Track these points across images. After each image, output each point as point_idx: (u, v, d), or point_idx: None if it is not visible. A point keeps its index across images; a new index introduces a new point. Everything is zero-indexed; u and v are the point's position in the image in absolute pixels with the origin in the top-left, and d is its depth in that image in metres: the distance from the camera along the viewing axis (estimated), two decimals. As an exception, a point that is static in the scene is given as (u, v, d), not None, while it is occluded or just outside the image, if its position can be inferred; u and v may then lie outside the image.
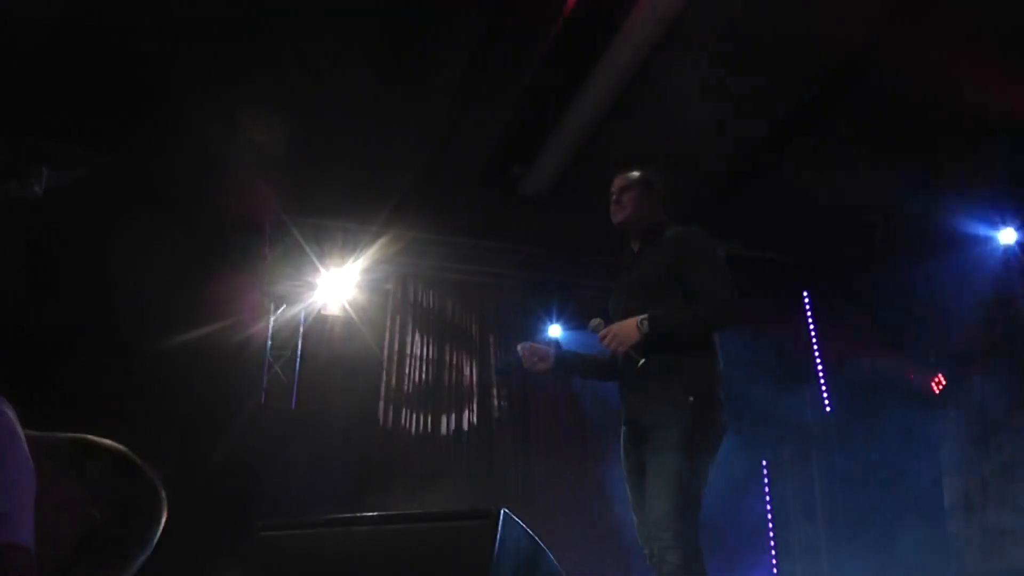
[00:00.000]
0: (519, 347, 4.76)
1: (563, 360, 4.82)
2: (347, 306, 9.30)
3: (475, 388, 9.89)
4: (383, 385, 9.34)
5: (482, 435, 9.79)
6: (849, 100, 7.86)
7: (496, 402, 9.97)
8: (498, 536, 2.19)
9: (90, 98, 7.48)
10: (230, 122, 7.75)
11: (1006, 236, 8.80)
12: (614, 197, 4.76)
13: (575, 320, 10.09)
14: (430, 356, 9.72)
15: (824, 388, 10.67)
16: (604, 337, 4.34)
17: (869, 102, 7.82)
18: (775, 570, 10.40)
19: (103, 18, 6.75)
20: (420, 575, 2.27)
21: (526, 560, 2.28)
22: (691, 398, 4.15)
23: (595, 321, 4.57)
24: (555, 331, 10.21)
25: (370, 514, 2.47)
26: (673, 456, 4.09)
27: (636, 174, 4.75)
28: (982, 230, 8.91)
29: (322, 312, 9.28)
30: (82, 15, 6.67)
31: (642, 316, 4.23)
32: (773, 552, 10.46)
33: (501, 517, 2.23)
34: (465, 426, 9.67)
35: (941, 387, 9.40)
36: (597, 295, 10.06)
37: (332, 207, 9.01)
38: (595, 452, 10.26)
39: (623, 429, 4.55)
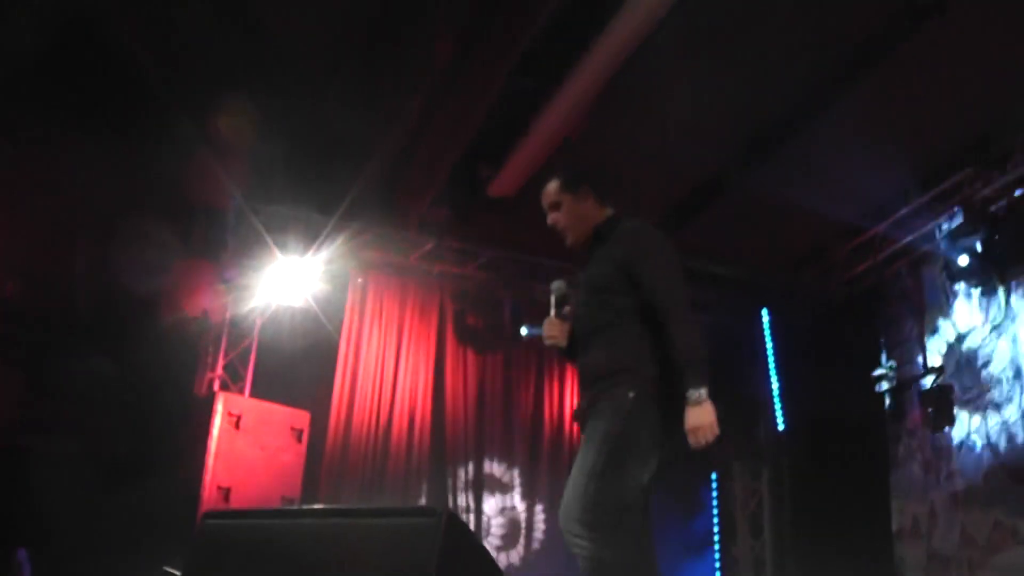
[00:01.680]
0: (546, 322, 4.52)
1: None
2: (307, 297, 9.23)
3: (431, 385, 9.89)
4: (339, 378, 9.31)
5: (436, 431, 9.80)
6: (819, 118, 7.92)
7: (449, 400, 9.99)
8: (442, 535, 2.18)
9: (50, 73, 7.41)
10: (193, 108, 7.71)
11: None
12: (549, 222, 4.53)
13: (537, 321, 10.09)
14: (387, 351, 9.69)
15: (778, 406, 10.72)
16: (694, 442, 4.01)
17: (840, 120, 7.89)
18: (720, 585, 10.45)
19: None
20: (364, 570, 2.26)
21: (469, 560, 2.28)
22: (630, 394, 3.97)
23: (557, 284, 4.46)
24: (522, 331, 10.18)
25: (316, 507, 2.46)
26: (596, 448, 3.93)
27: (554, 185, 4.46)
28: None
29: (281, 302, 9.21)
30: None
31: (690, 394, 3.91)
32: (718, 566, 10.49)
33: (445, 516, 2.22)
34: (418, 422, 9.66)
35: (895, 413, 9.48)
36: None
37: (295, 197, 8.96)
38: (548, 450, 10.31)
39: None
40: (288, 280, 9.06)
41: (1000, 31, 7.02)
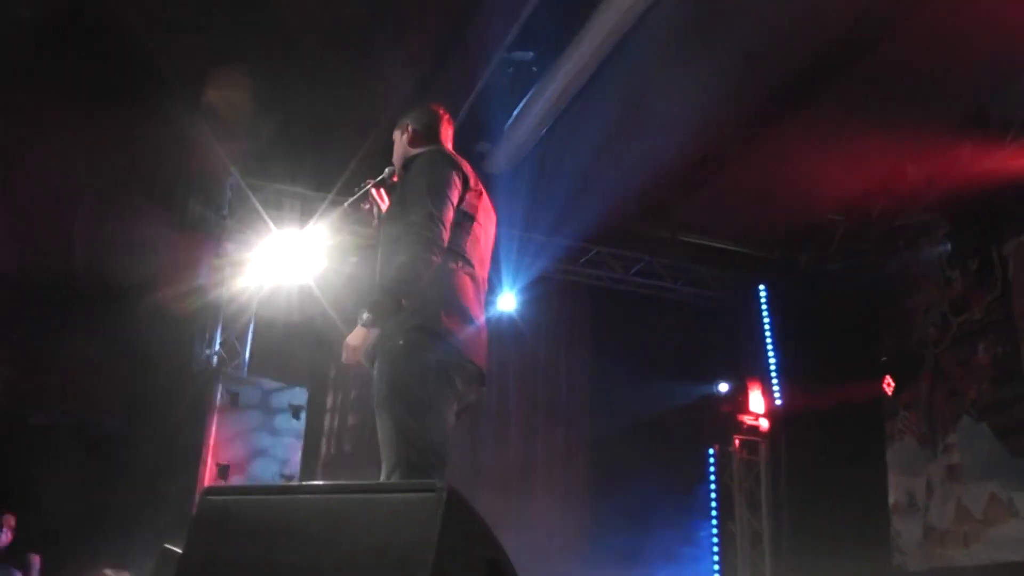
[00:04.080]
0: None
1: None
2: (305, 274, 9.21)
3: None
4: (335, 356, 9.30)
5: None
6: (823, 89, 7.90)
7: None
8: (442, 510, 2.18)
9: (53, 39, 7.38)
10: (191, 83, 7.69)
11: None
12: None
13: (529, 294, 10.12)
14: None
15: (777, 382, 10.74)
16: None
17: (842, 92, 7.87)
18: (717, 559, 10.48)
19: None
20: (365, 545, 2.26)
21: (470, 536, 2.28)
22: (400, 341, 3.79)
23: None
24: (508, 301, 10.14)
25: (317, 483, 2.46)
26: (382, 412, 3.77)
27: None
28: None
29: (278, 279, 9.19)
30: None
31: (361, 310, 3.80)
32: (716, 540, 10.53)
33: (447, 491, 2.22)
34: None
35: (891, 388, 9.49)
36: (554, 273, 10.13)
37: (291, 173, 8.94)
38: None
39: None
40: (285, 257, 9.05)
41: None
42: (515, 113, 8.18)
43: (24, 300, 8.01)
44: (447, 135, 4.46)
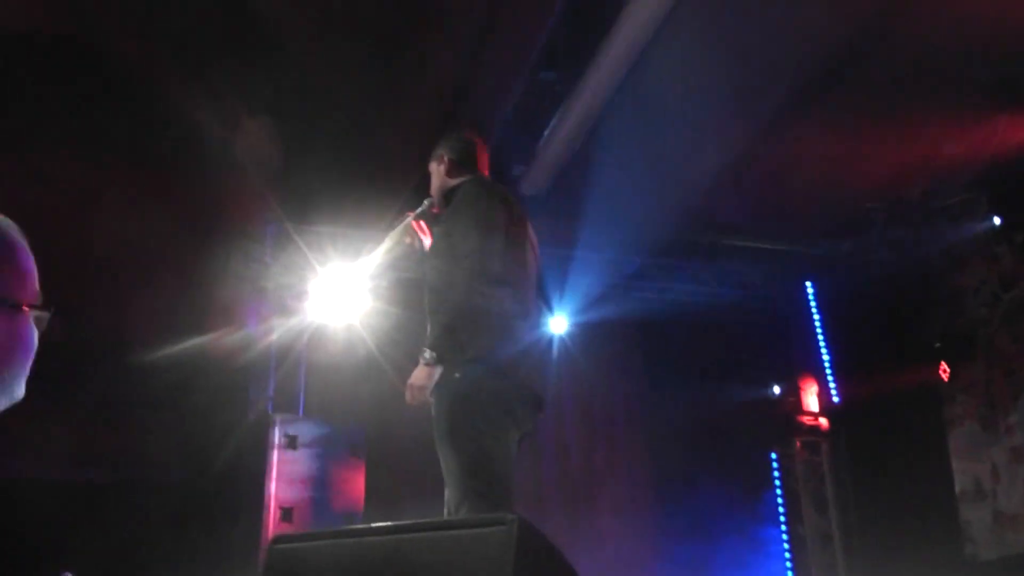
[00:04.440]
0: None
1: None
2: (350, 313, 9.24)
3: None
4: (392, 392, 9.27)
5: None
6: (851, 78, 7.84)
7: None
8: (515, 543, 2.16)
9: (89, 105, 7.46)
10: (229, 129, 7.75)
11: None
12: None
13: (579, 313, 10.10)
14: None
15: (832, 378, 10.66)
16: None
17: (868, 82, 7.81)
18: (789, 564, 10.39)
19: (99, 25, 6.75)
20: (438, 585, 2.25)
21: (544, 566, 2.26)
22: (456, 374, 3.83)
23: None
24: (559, 323, 10.12)
25: (384, 524, 2.45)
26: (444, 446, 3.84)
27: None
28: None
29: (324, 320, 9.23)
30: (78, 22, 6.67)
31: (423, 349, 3.86)
32: (787, 546, 10.44)
33: (518, 523, 2.20)
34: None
35: (947, 373, 9.38)
36: (601, 290, 10.09)
37: (333, 214, 8.99)
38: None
39: None
40: (331, 297, 9.09)
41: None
42: (546, 133, 8.19)
43: (77, 364, 8.07)
44: (484, 161, 4.50)
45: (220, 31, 7.03)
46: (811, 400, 10.59)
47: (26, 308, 1.74)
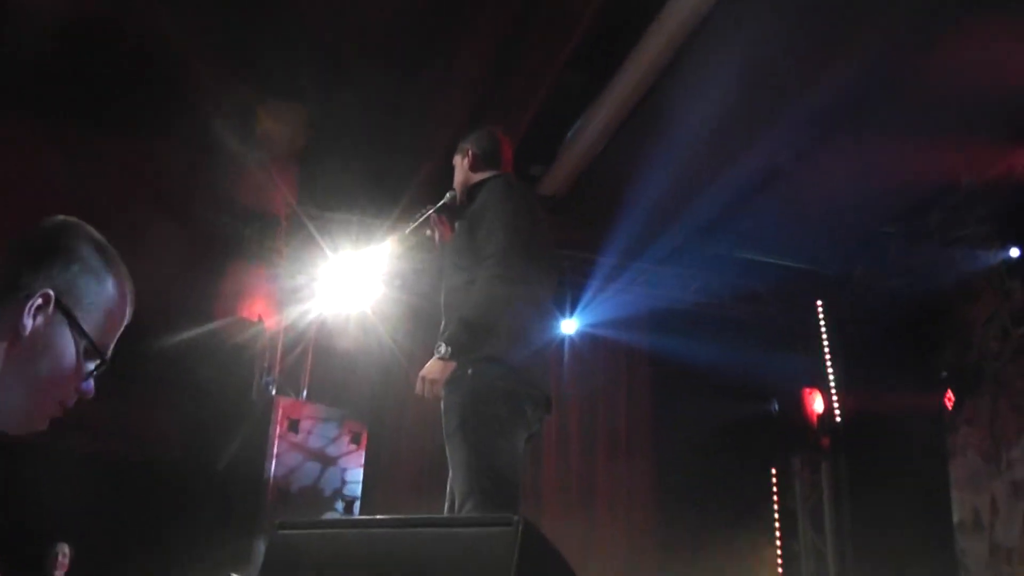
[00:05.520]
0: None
1: None
2: (361, 301, 9.24)
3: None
4: (397, 382, 9.28)
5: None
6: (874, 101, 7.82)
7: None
8: (518, 544, 2.16)
9: (106, 86, 7.48)
10: (246, 115, 7.75)
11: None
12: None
13: (589, 317, 10.10)
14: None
15: (836, 398, 10.64)
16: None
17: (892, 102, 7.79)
18: (780, 578, 10.40)
19: (119, 6, 6.76)
20: (439, 580, 2.25)
21: (547, 569, 2.27)
22: (469, 370, 3.83)
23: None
24: (569, 325, 10.11)
25: (389, 517, 2.45)
26: (453, 441, 3.84)
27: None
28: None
29: (336, 308, 9.23)
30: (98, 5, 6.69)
31: (439, 343, 3.86)
32: (780, 560, 10.43)
33: (522, 524, 2.20)
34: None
35: (952, 402, 9.38)
36: (613, 294, 10.09)
37: (347, 201, 8.99)
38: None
39: None
40: (342, 284, 9.09)
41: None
42: (569, 135, 8.19)
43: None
44: (508, 159, 4.49)
45: (244, 10, 7.03)
46: (815, 418, 10.55)
47: (82, 339, 1.77)
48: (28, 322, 1.69)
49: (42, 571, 7.74)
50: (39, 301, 1.70)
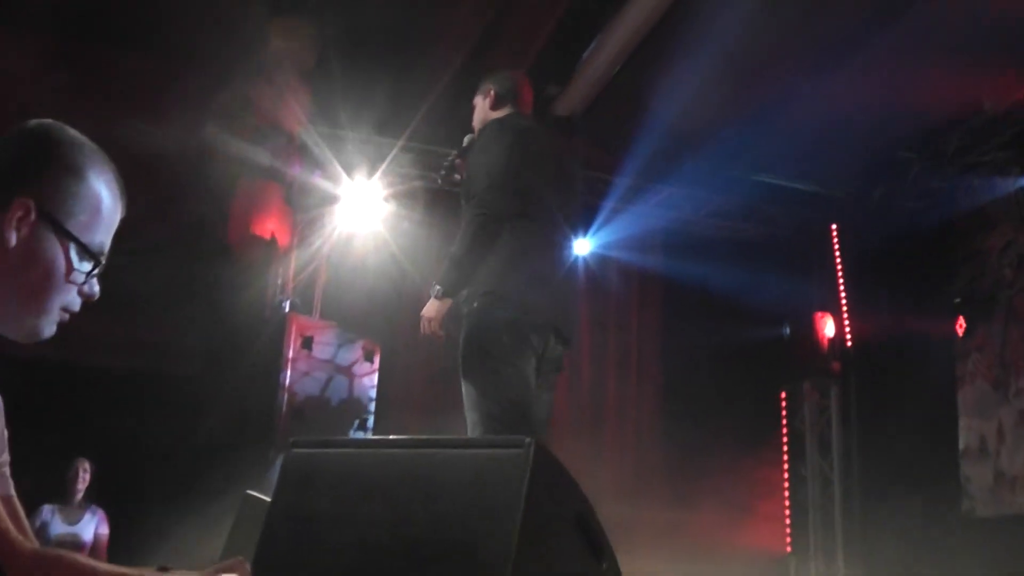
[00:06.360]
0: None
1: None
2: (374, 220, 9.23)
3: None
4: (410, 301, 9.28)
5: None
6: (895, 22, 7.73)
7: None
8: (530, 466, 2.18)
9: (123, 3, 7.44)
10: (259, 32, 7.70)
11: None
12: None
13: (603, 238, 10.09)
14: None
15: (847, 322, 10.64)
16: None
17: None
18: (786, 500, 10.46)
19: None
20: (452, 501, 2.28)
21: (558, 491, 2.29)
22: (475, 304, 4.08)
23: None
24: (583, 245, 10.07)
25: (403, 437, 2.47)
26: (463, 370, 4.07)
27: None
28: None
29: (350, 227, 9.23)
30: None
31: (433, 283, 4.15)
32: (786, 483, 10.51)
33: (534, 447, 2.22)
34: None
35: (963, 329, 9.37)
36: (627, 216, 10.08)
37: (360, 120, 8.94)
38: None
39: None
40: (356, 204, 9.09)
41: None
42: (585, 55, 8.12)
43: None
44: (526, 100, 4.70)
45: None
46: (826, 342, 10.55)
47: (69, 241, 1.77)
48: (12, 235, 1.70)
49: (63, 487, 7.83)
50: (20, 212, 1.71)
